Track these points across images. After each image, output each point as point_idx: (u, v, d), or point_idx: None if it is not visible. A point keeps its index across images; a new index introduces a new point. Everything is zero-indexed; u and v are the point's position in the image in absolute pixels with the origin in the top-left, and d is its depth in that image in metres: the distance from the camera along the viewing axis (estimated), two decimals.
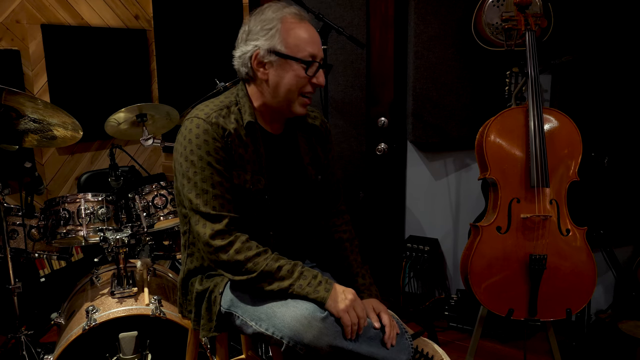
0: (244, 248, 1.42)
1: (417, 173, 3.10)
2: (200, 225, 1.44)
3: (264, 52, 1.47)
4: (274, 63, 1.48)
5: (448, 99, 2.78)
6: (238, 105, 1.54)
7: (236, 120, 1.51)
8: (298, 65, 1.48)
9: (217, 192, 1.45)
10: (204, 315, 1.55)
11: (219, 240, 1.42)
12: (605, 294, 2.76)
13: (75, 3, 3.22)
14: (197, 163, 1.44)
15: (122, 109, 2.26)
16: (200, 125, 1.46)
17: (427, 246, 2.97)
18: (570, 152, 2.12)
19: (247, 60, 1.51)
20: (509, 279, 2.10)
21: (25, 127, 2.14)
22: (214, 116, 1.48)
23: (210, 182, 1.44)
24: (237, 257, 1.42)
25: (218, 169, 1.45)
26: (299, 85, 1.50)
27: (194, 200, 1.44)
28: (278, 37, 1.46)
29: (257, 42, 1.48)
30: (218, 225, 1.43)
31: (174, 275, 2.43)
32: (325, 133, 1.73)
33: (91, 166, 3.41)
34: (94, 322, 1.87)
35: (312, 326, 1.34)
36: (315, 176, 1.67)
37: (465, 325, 2.82)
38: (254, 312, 1.45)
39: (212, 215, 1.43)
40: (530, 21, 2.16)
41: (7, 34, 2.91)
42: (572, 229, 2.10)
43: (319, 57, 1.51)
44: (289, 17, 1.49)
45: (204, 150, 1.44)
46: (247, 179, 1.51)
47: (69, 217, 2.12)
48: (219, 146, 1.46)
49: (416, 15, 2.73)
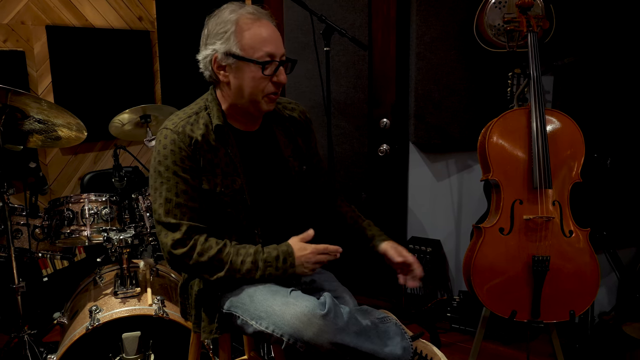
0: (205, 248, 1.46)
1: (419, 174, 3.10)
2: (163, 235, 1.48)
3: (222, 56, 1.48)
4: (232, 66, 1.49)
5: (450, 100, 2.78)
6: (207, 109, 1.56)
7: (205, 125, 1.53)
8: (255, 67, 1.48)
9: (180, 201, 1.47)
10: (204, 317, 1.55)
11: (180, 249, 1.46)
12: (609, 296, 2.76)
13: (79, 4, 3.23)
14: (163, 173, 1.48)
15: (126, 110, 2.28)
16: (168, 136, 1.49)
17: (429, 247, 2.97)
18: (572, 153, 2.12)
19: (208, 64, 1.52)
20: (512, 280, 2.10)
21: (30, 127, 2.15)
22: (181, 125, 1.51)
23: (174, 191, 1.47)
24: (201, 260, 1.45)
25: (184, 177, 1.48)
26: (260, 86, 1.50)
27: (157, 209, 1.48)
28: (233, 39, 1.47)
29: (215, 45, 1.49)
30: (177, 234, 1.46)
31: (177, 275, 2.43)
32: (305, 123, 1.73)
33: (94, 166, 3.42)
34: (97, 322, 1.87)
35: (312, 323, 1.34)
36: (299, 167, 1.68)
37: (467, 327, 2.82)
38: (254, 310, 1.46)
39: (172, 225, 1.46)
40: (532, 23, 2.16)
41: (12, 35, 2.92)
42: (575, 230, 2.10)
43: (279, 55, 1.50)
44: (243, 18, 1.48)
45: (170, 160, 1.48)
46: (217, 182, 1.52)
47: (72, 217, 2.13)
48: (185, 155, 1.48)
49: (418, 16, 2.74)
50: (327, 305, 1.37)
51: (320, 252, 1.50)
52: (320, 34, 2.29)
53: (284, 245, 1.51)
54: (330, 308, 1.37)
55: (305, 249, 1.49)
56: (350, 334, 1.37)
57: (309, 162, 1.73)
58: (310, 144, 1.74)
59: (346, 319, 1.38)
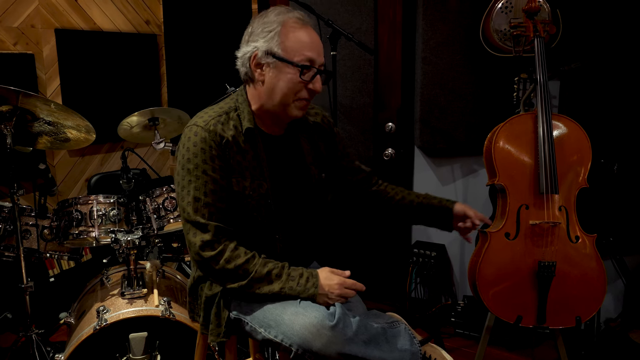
0: (233, 256, 1.44)
1: (424, 178, 3.10)
2: (191, 235, 1.46)
3: (262, 54, 1.48)
4: (270, 65, 1.48)
5: (456, 104, 2.78)
6: (237, 110, 1.55)
7: (235, 126, 1.52)
8: (293, 69, 1.47)
9: (209, 201, 1.46)
10: (212, 320, 1.55)
11: (209, 251, 1.44)
12: (615, 303, 2.74)
13: (88, 8, 3.26)
14: (192, 171, 1.46)
15: (135, 112, 2.29)
16: (199, 133, 1.47)
17: (433, 252, 2.97)
18: (579, 158, 2.12)
19: (246, 61, 1.52)
20: (518, 285, 2.09)
21: (39, 129, 2.17)
22: (212, 123, 1.49)
23: (203, 190, 1.45)
24: (227, 267, 1.44)
25: (213, 177, 1.46)
26: (294, 89, 1.49)
27: (186, 208, 1.46)
28: (276, 39, 1.46)
29: (257, 43, 1.49)
30: (206, 236, 1.44)
31: (182, 277, 2.44)
32: (328, 128, 1.74)
33: (101, 168, 3.44)
34: (104, 322, 1.89)
35: (321, 334, 1.35)
36: (319, 175, 1.67)
37: (472, 332, 2.81)
38: (262, 318, 1.46)
39: (201, 224, 1.45)
40: (539, 28, 2.16)
41: (22, 38, 2.95)
42: (582, 236, 2.10)
43: (318, 63, 1.50)
44: (290, 21, 1.49)
45: (200, 158, 1.46)
46: (247, 185, 1.51)
47: (81, 218, 2.14)
48: (215, 154, 1.47)
49: (424, 21, 2.75)
50: (337, 315, 1.37)
51: (347, 286, 1.47)
52: (327, 38, 2.30)
53: (311, 269, 1.50)
54: (340, 318, 1.37)
55: (332, 279, 1.47)
56: (359, 343, 1.37)
57: (331, 167, 1.73)
58: (337, 147, 1.75)
59: (355, 329, 1.38)
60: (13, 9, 2.89)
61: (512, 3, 2.42)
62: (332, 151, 1.74)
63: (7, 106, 1.98)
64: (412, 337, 1.49)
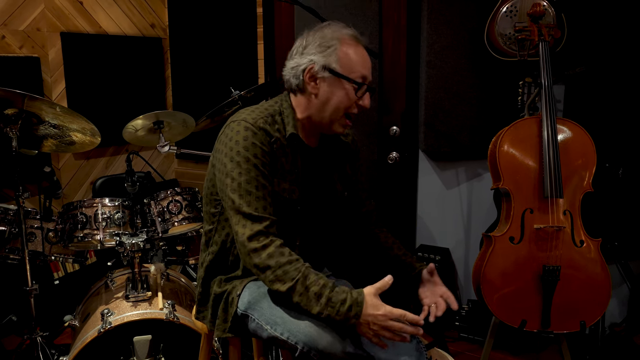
0: (277, 253, 1.41)
1: (428, 182, 3.10)
2: (241, 226, 1.44)
3: (319, 68, 1.51)
4: (326, 79, 1.51)
5: (460, 108, 2.78)
6: (282, 115, 1.57)
7: (278, 130, 1.54)
8: (349, 85, 1.51)
9: (260, 194, 1.46)
10: (220, 315, 1.57)
11: (255, 243, 1.42)
12: (620, 307, 2.73)
13: (93, 12, 3.28)
14: (243, 164, 1.46)
15: (140, 115, 2.30)
16: (249, 129, 1.48)
17: (438, 255, 2.96)
18: (584, 162, 2.12)
19: (299, 73, 1.54)
20: (522, 290, 2.09)
21: (44, 132, 2.18)
22: (261, 122, 1.51)
23: (254, 183, 1.46)
24: (268, 262, 1.40)
25: (263, 172, 1.47)
26: (346, 105, 1.53)
27: (237, 200, 1.44)
28: (335, 56, 1.50)
29: (314, 56, 1.51)
30: (257, 226, 1.43)
31: (187, 280, 2.45)
32: (355, 151, 1.78)
33: (106, 171, 3.45)
34: (109, 325, 1.89)
35: (326, 332, 1.35)
36: (342, 192, 1.71)
37: (476, 336, 2.81)
38: (270, 315, 1.47)
39: (255, 216, 1.43)
40: (544, 32, 2.16)
41: (28, 41, 2.97)
42: (587, 240, 2.09)
43: (369, 80, 1.55)
44: (347, 39, 1.53)
45: (251, 152, 1.46)
46: (285, 187, 1.54)
47: (86, 221, 2.15)
48: (266, 150, 1.48)
49: (429, 25, 2.75)
50: None
51: (394, 318, 1.33)
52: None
53: (356, 292, 1.36)
54: None
55: (378, 308, 1.34)
56: (364, 342, 1.37)
57: (351, 188, 1.76)
58: (356, 171, 1.78)
59: None
60: (19, 12, 2.91)
61: (517, 7, 2.42)
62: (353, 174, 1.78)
63: (12, 109, 1.99)
64: (418, 341, 1.49)
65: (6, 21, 2.86)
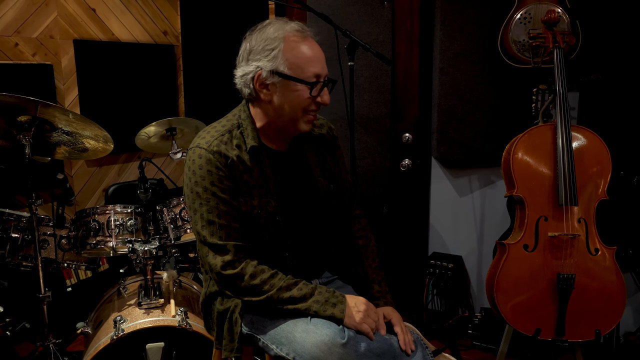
0: (258, 271, 1.44)
1: (441, 189, 3.08)
2: (210, 257, 1.45)
3: (267, 74, 1.44)
4: (277, 84, 1.44)
5: (473, 115, 2.77)
6: (240, 128, 1.52)
7: (238, 145, 1.49)
8: (302, 86, 1.44)
9: (223, 222, 1.45)
10: (225, 335, 1.55)
11: (230, 270, 1.43)
12: (635, 316, 2.70)
13: (106, 19, 3.31)
14: (202, 194, 1.45)
15: (152, 122, 2.31)
16: (203, 155, 1.45)
17: (450, 263, 2.94)
18: (599, 170, 2.10)
19: (249, 81, 1.47)
20: (536, 298, 2.07)
21: (57, 139, 2.19)
22: (215, 144, 1.47)
23: (215, 212, 1.44)
24: (253, 282, 1.43)
25: (223, 198, 1.45)
26: (303, 105, 1.47)
27: (201, 232, 1.46)
28: (281, 58, 1.42)
29: (259, 62, 1.44)
30: (227, 256, 1.44)
31: (199, 287, 2.44)
32: (332, 140, 1.71)
33: (118, 178, 3.47)
34: (122, 332, 1.89)
35: (332, 352, 1.34)
36: (328, 186, 1.65)
37: (489, 345, 2.78)
38: (274, 335, 1.46)
39: (219, 246, 1.44)
40: (558, 38, 2.15)
41: (41, 48, 2.99)
42: (601, 248, 2.07)
43: (323, 76, 1.48)
44: (291, 35, 1.44)
45: (208, 181, 1.44)
46: (255, 204, 1.50)
47: (98, 228, 2.16)
48: (223, 175, 1.45)
49: (442, 32, 2.74)
50: (347, 332, 1.37)
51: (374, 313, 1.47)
52: (344, 48, 2.30)
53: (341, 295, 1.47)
54: (351, 335, 1.37)
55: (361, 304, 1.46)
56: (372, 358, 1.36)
57: (336, 180, 1.70)
58: (337, 162, 1.71)
59: (366, 344, 1.37)
60: (32, 19, 2.94)
61: (531, 14, 2.41)
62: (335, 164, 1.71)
63: (25, 116, 2.00)
64: (424, 348, 1.47)
65: (19, 29, 2.89)
